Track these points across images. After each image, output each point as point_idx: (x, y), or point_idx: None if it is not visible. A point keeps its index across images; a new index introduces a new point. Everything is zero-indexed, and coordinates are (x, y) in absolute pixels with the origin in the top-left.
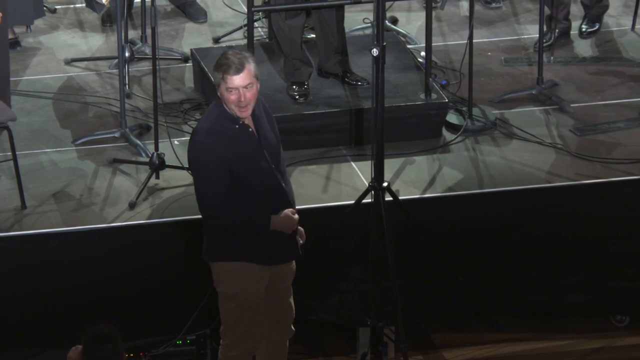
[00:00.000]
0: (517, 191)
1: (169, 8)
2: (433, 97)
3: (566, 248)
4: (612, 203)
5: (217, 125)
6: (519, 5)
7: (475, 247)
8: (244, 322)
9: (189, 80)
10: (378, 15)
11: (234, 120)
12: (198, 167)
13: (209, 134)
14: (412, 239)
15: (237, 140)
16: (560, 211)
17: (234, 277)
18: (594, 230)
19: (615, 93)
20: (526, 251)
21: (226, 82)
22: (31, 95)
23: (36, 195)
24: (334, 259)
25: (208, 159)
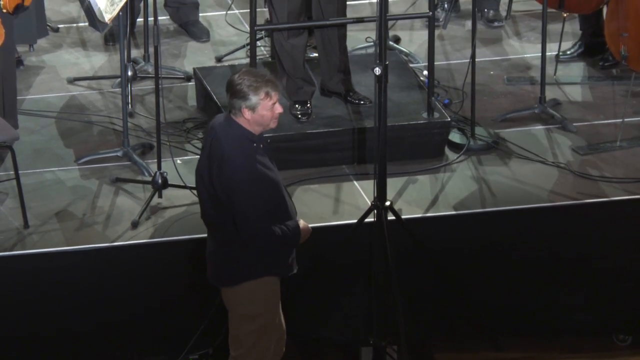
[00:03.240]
0: (519, 210)
1: (171, 27)
2: (435, 116)
3: (569, 267)
4: (615, 222)
5: (246, 148)
6: (522, 24)
7: (478, 266)
8: (264, 341)
9: (191, 99)
10: (380, 34)
11: (255, 139)
12: (244, 190)
13: (246, 157)
14: (415, 258)
15: (263, 159)
16: (563, 230)
17: (260, 295)
18: (597, 249)
19: (618, 112)
20: (529, 270)
21: (272, 99)
22: (34, 114)
23: (39, 214)
24: (336, 278)
25: (251, 180)
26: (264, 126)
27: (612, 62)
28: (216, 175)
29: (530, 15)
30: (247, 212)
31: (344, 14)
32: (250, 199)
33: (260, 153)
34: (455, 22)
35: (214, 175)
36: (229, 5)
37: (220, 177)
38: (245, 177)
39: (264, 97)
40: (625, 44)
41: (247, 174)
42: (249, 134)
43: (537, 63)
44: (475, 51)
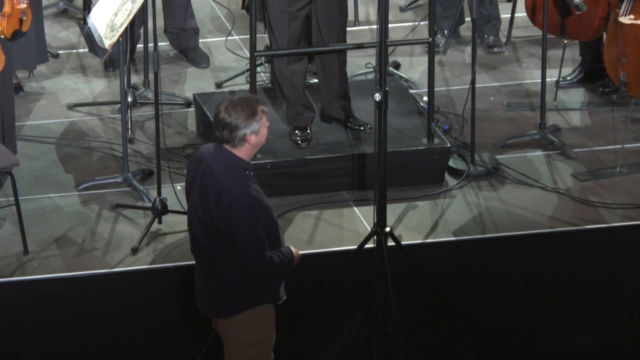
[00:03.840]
0: (519, 236)
1: (171, 53)
2: (435, 142)
3: (569, 293)
4: (615, 249)
5: (241, 176)
6: (522, 50)
7: (479, 292)
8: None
9: (191, 125)
10: (380, 60)
11: (246, 167)
12: (243, 218)
13: (242, 185)
14: (415, 284)
15: (256, 185)
16: (563, 256)
17: (259, 322)
18: (597, 276)
19: (618, 138)
20: (529, 296)
21: (264, 119)
22: (34, 140)
23: (39, 240)
24: (336, 304)
25: (250, 211)
26: (260, 146)
27: (612, 88)
28: (213, 205)
29: (530, 41)
30: (246, 240)
31: (344, 40)
32: (250, 226)
33: (252, 180)
34: (455, 48)
35: (210, 206)
36: (229, 31)
37: (219, 206)
38: (244, 205)
39: (262, 115)
40: (624, 70)
41: (244, 203)
42: (242, 162)
43: (537, 89)
44: (475, 77)
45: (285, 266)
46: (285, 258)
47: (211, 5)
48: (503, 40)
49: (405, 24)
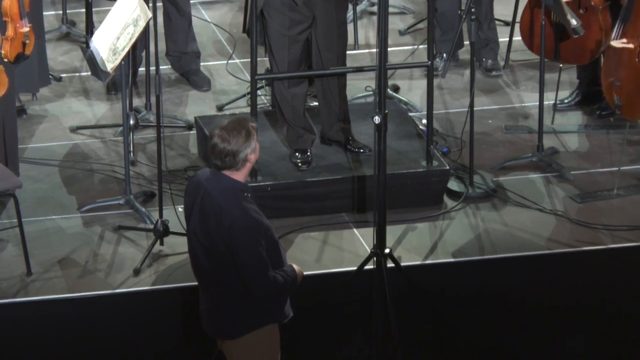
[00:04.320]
0: (518, 258)
1: (173, 76)
2: (434, 164)
3: (568, 314)
4: (613, 270)
5: (240, 198)
6: (520, 74)
7: (478, 313)
8: None
9: (193, 147)
10: (380, 83)
11: (244, 189)
12: (244, 239)
13: (241, 207)
14: (414, 305)
15: (254, 206)
16: (561, 278)
17: (264, 342)
18: (596, 296)
19: (615, 160)
20: (527, 316)
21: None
22: (37, 163)
23: (42, 261)
24: (337, 324)
25: (251, 232)
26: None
27: (609, 110)
28: (214, 229)
29: (527, 64)
30: (249, 261)
31: (343, 63)
32: (252, 248)
33: (250, 201)
34: (453, 72)
35: (211, 229)
36: (230, 55)
37: (220, 230)
38: (245, 227)
39: (254, 133)
40: (618, 93)
41: (246, 224)
42: (239, 184)
43: (535, 112)
44: (473, 100)
45: (289, 285)
46: (289, 277)
47: (212, 29)
48: (501, 63)
49: (404, 48)
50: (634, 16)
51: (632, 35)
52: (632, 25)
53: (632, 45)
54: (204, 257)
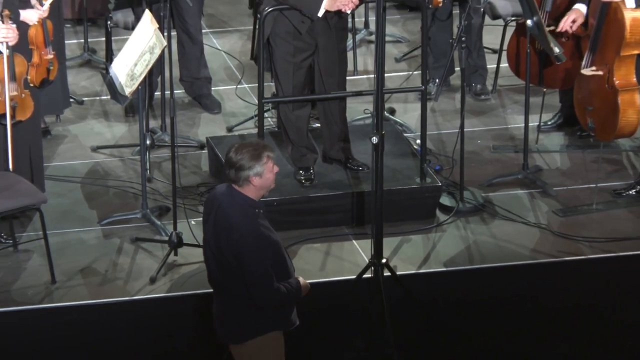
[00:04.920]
0: (504, 267)
1: (186, 100)
2: (427, 181)
3: (550, 318)
4: (592, 279)
5: (250, 214)
6: (507, 98)
7: (467, 318)
8: None
9: (204, 165)
10: (377, 106)
11: (256, 205)
12: (251, 253)
13: (250, 223)
14: (409, 311)
15: (265, 222)
16: (544, 285)
17: (268, 349)
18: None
19: (594, 177)
20: (513, 321)
21: (271, 162)
22: (60, 180)
23: (65, 270)
24: (337, 330)
25: (257, 246)
26: (267, 189)
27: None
28: (224, 241)
29: (513, 89)
30: (255, 274)
31: (343, 88)
32: (258, 261)
33: (261, 217)
34: (445, 96)
35: (222, 242)
36: (239, 80)
37: (230, 243)
38: (251, 241)
39: (266, 160)
40: (591, 117)
41: (253, 239)
42: (250, 201)
43: (521, 133)
44: (464, 122)
45: (292, 296)
46: (293, 288)
47: (223, 56)
48: (489, 88)
49: (400, 74)
50: (601, 46)
51: (600, 63)
52: (599, 54)
53: (602, 72)
54: (215, 267)
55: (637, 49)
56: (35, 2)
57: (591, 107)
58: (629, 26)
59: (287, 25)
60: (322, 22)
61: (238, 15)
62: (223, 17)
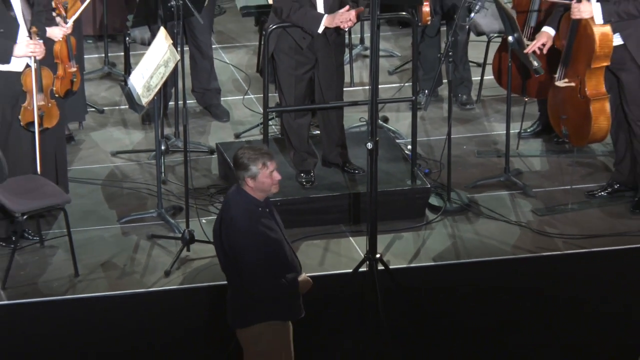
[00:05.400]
0: (488, 262)
1: (197, 109)
2: (418, 183)
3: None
4: (567, 272)
5: (249, 210)
6: (490, 107)
7: (454, 307)
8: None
9: (214, 169)
10: (372, 115)
11: (259, 204)
12: (244, 247)
13: (246, 219)
14: (400, 302)
15: (265, 220)
16: (523, 278)
17: (268, 336)
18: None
19: (570, 180)
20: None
21: (268, 168)
22: (83, 182)
23: (87, 265)
24: (335, 319)
25: (251, 239)
26: (265, 192)
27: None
28: (225, 235)
29: (496, 99)
30: (247, 265)
31: (341, 98)
32: (250, 256)
33: (265, 216)
34: (434, 105)
35: (223, 235)
36: (246, 91)
37: (228, 237)
38: (247, 238)
39: (262, 166)
40: (565, 125)
41: (248, 235)
42: (253, 199)
43: (503, 139)
44: (451, 129)
45: (285, 290)
46: (287, 283)
47: (231, 70)
48: (474, 99)
49: (392, 85)
50: (572, 59)
51: (572, 75)
52: (571, 68)
53: (574, 84)
54: (222, 257)
55: (605, 61)
56: (59, 20)
57: (565, 116)
58: (598, 40)
59: (290, 41)
60: (322, 38)
61: (245, 32)
62: (231, 33)
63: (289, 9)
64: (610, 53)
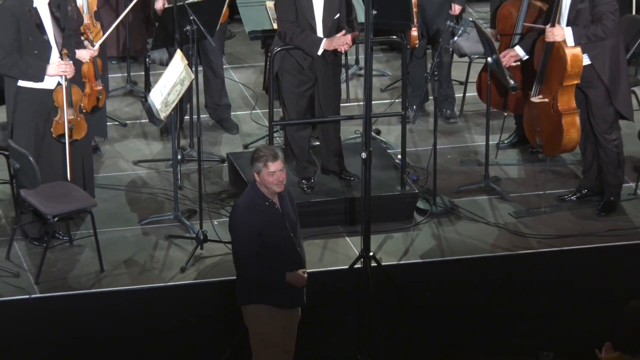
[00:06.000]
0: (469, 259)
1: (210, 123)
2: (407, 189)
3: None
4: (540, 268)
5: (252, 202)
6: (471, 121)
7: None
8: (265, 354)
9: (225, 176)
10: (366, 128)
11: (264, 198)
12: (237, 233)
13: (246, 208)
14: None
15: (267, 214)
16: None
17: (259, 318)
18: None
19: (543, 186)
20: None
21: (268, 168)
22: (107, 187)
23: (111, 261)
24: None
25: (244, 227)
26: (268, 188)
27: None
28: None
29: (477, 114)
30: (235, 252)
31: (338, 113)
32: (237, 243)
33: (267, 210)
34: (421, 119)
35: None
36: (253, 106)
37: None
38: (238, 226)
39: (263, 165)
40: (539, 136)
41: (240, 224)
42: (259, 193)
43: (483, 149)
44: (436, 140)
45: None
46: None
47: (240, 87)
48: (457, 113)
49: (384, 101)
50: (546, 78)
51: (546, 92)
52: (545, 85)
53: (547, 100)
54: None
55: (576, 79)
56: (87, 43)
57: (539, 128)
58: (569, 61)
59: (293, 62)
60: (321, 59)
61: (252, 54)
62: (240, 55)
63: (291, 33)
64: (581, 72)
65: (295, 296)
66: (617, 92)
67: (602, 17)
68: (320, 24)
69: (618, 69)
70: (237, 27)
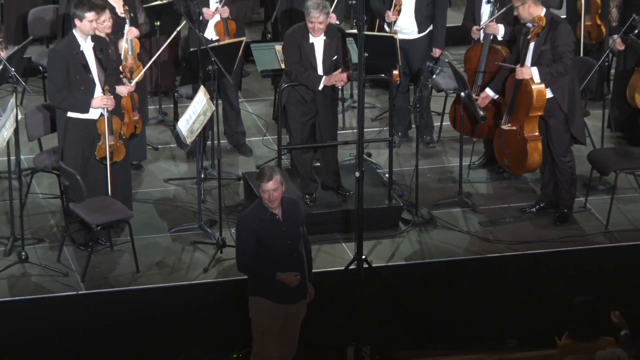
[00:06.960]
0: (445, 261)
1: (228, 147)
2: (393, 202)
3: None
4: (505, 270)
5: (254, 212)
6: (447, 146)
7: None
8: (261, 342)
9: (241, 192)
10: (359, 151)
11: (266, 210)
12: (237, 233)
13: (247, 215)
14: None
15: (266, 221)
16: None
17: (255, 309)
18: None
19: (510, 200)
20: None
21: (262, 187)
22: (143, 201)
23: (145, 263)
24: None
25: (242, 228)
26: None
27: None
28: None
29: (452, 139)
30: (236, 246)
31: (335, 138)
32: (237, 238)
33: (268, 219)
34: (405, 144)
35: None
36: (264, 133)
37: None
38: (238, 227)
39: (260, 183)
40: (507, 158)
41: (239, 225)
42: (260, 205)
43: (457, 169)
44: (418, 162)
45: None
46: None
47: (253, 117)
48: (435, 139)
49: (374, 129)
50: (515, 109)
51: (514, 121)
52: (514, 116)
53: (515, 128)
54: None
55: (540, 111)
56: (125, 81)
57: (507, 151)
58: (535, 96)
59: (297, 95)
60: (321, 93)
61: (264, 90)
62: (253, 90)
63: (296, 72)
64: (544, 105)
65: (289, 294)
66: (574, 120)
67: (562, 56)
68: (320, 64)
69: (574, 100)
70: (251, 67)
